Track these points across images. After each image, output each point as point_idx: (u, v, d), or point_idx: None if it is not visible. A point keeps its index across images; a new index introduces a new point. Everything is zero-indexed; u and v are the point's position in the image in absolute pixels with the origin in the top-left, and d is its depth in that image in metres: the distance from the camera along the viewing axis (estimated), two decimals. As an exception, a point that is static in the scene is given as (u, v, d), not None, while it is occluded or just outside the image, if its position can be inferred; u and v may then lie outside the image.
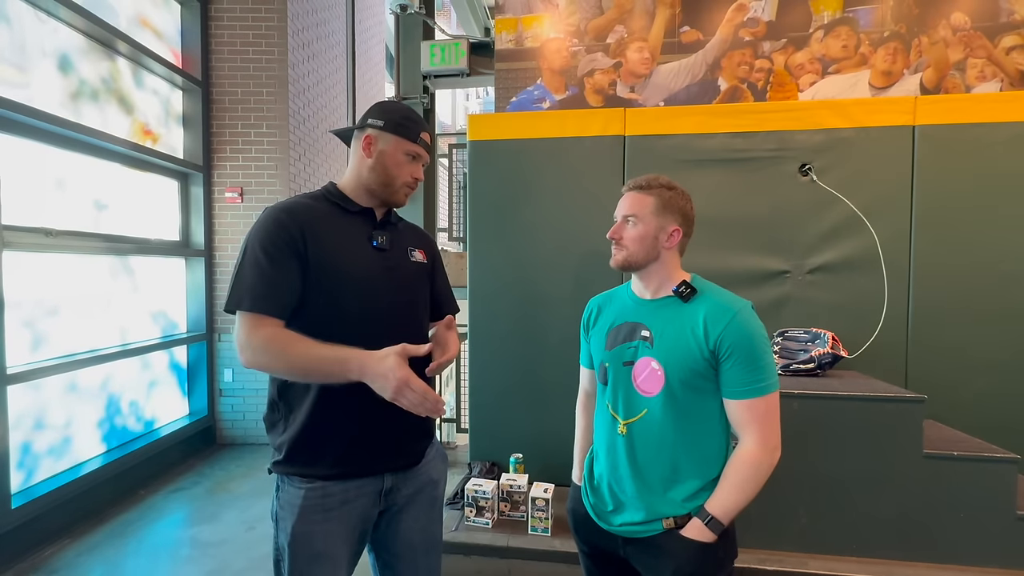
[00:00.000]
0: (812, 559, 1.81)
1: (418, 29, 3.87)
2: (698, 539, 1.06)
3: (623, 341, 1.18)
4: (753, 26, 2.87)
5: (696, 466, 1.12)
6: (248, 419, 4.13)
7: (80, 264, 3.05)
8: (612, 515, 1.19)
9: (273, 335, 1.02)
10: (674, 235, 1.15)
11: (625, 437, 1.16)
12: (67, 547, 2.60)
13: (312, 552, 1.08)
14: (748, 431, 1.07)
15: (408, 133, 1.16)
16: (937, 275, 2.26)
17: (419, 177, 1.20)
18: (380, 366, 0.95)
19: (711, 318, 1.08)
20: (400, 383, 0.93)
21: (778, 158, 2.37)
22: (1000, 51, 2.65)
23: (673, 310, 1.14)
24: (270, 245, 1.05)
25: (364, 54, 5.96)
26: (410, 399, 0.94)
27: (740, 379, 1.06)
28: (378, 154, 1.15)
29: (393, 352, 0.96)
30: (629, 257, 1.16)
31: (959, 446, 1.80)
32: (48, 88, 2.84)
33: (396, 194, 1.18)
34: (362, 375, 0.97)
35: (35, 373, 2.63)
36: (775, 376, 1.09)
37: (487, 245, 2.60)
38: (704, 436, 1.12)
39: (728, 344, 1.06)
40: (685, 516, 1.10)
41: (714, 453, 1.13)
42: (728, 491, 1.07)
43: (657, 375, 1.12)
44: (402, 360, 0.95)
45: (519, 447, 2.44)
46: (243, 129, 4.11)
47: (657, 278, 1.18)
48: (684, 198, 1.18)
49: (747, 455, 1.07)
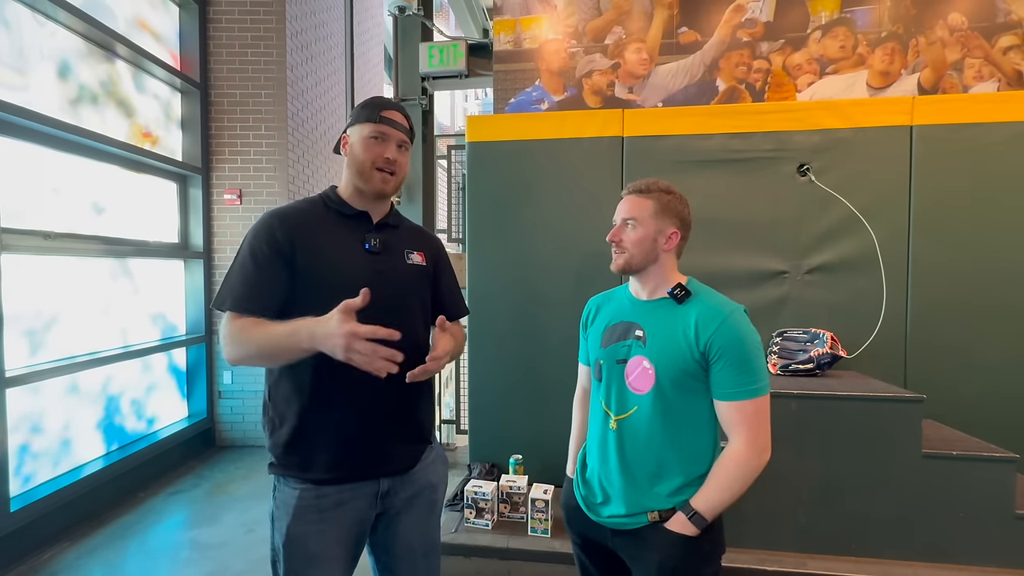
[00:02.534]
0: (811, 559, 1.81)
1: (416, 31, 3.87)
2: (681, 532, 1.09)
3: (617, 340, 1.22)
4: (751, 27, 2.87)
5: (682, 463, 1.14)
6: (247, 421, 4.12)
7: (79, 267, 3.05)
8: (601, 507, 1.22)
9: (241, 325, 1.05)
10: (672, 238, 1.18)
11: (616, 432, 1.20)
12: (66, 550, 2.60)
13: (307, 553, 1.09)
14: (737, 432, 1.09)
15: (366, 116, 1.16)
16: (935, 275, 2.27)
17: (390, 157, 1.15)
18: (325, 326, 0.94)
19: (702, 320, 1.11)
20: (347, 336, 0.91)
21: (776, 159, 2.37)
22: (997, 51, 2.66)
23: (667, 311, 1.17)
24: (258, 249, 1.09)
25: (363, 56, 5.96)
26: (362, 350, 0.91)
27: (729, 381, 1.09)
28: (350, 148, 1.18)
29: (335, 310, 0.95)
30: (629, 260, 1.19)
31: (958, 446, 1.81)
32: (46, 91, 2.84)
33: (370, 180, 1.15)
34: (312, 341, 0.96)
35: (34, 376, 2.63)
36: (765, 379, 1.11)
37: (486, 246, 2.60)
38: (692, 434, 1.15)
39: (718, 346, 1.08)
40: (669, 510, 1.12)
41: (701, 451, 1.15)
42: (713, 488, 1.09)
43: (648, 374, 1.15)
44: (346, 315, 0.94)
45: (519, 448, 2.44)
46: (242, 131, 4.11)
47: (654, 280, 1.20)
48: (682, 202, 1.20)
49: (734, 454, 1.09)
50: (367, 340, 0.92)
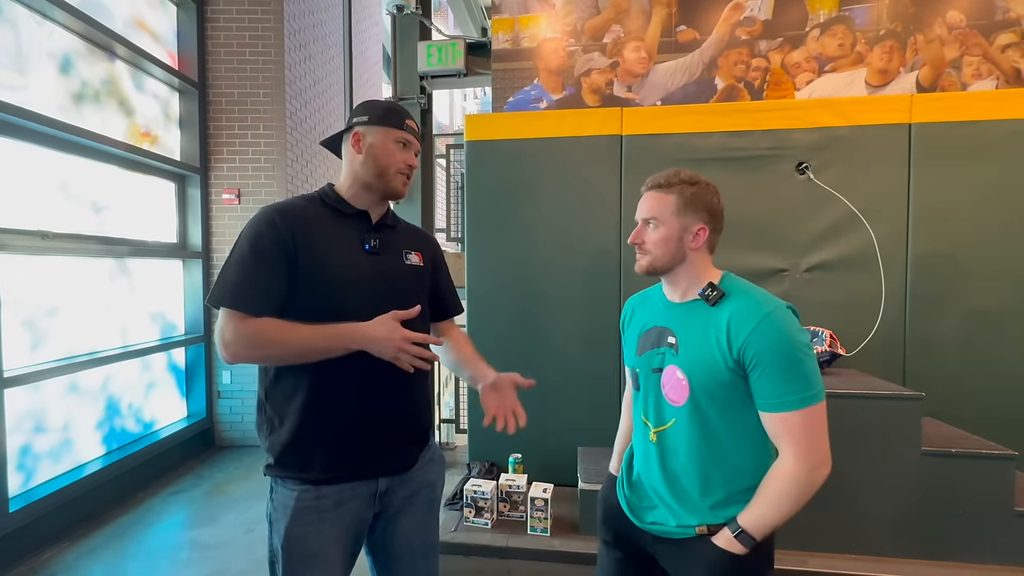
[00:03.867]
0: (811, 557, 1.81)
1: (415, 30, 3.87)
2: (727, 549, 1.01)
3: (651, 347, 1.14)
4: (749, 25, 2.87)
5: (726, 478, 1.05)
6: (246, 421, 4.11)
7: (77, 266, 3.04)
8: (646, 511, 1.15)
9: (262, 327, 1.03)
10: (700, 234, 1.08)
11: (656, 445, 1.12)
12: (66, 550, 2.60)
13: (306, 553, 1.08)
14: (785, 445, 0.99)
15: (393, 121, 1.17)
16: (934, 272, 2.27)
17: (412, 164, 1.19)
18: (381, 328, 1.05)
19: (735, 324, 0.99)
20: (401, 341, 1.04)
21: (775, 157, 2.37)
22: (996, 49, 2.65)
23: (699, 315, 1.07)
24: (258, 244, 1.06)
25: (361, 55, 5.96)
26: (410, 352, 1.05)
27: (771, 390, 0.97)
28: (368, 147, 1.16)
29: (388, 316, 1.07)
30: (654, 262, 1.10)
31: (957, 443, 1.81)
32: (44, 91, 2.83)
33: (392, 183, 1.17)
34: (364, 341, 1.05)
35: (33, 376, 2.63)
36: (816, 386, 0.97)
37: (485, 245, 2.60)
38: (735, 449, 1.05)
39: (753, 352, 0.97)
40: (719, 524, 1.04)
41: (747, 466, 1.05)
42: (761, 506, 1.00)
43: (682, 385, 1.06)
44: (398, 322, 1.06)
45: (518, 447, 2.44)
46: (240, 131, 4.10)
47: (685, 280, 1.11)
48: (710, 191, 1.09)
49: (783, 470, 0.99)
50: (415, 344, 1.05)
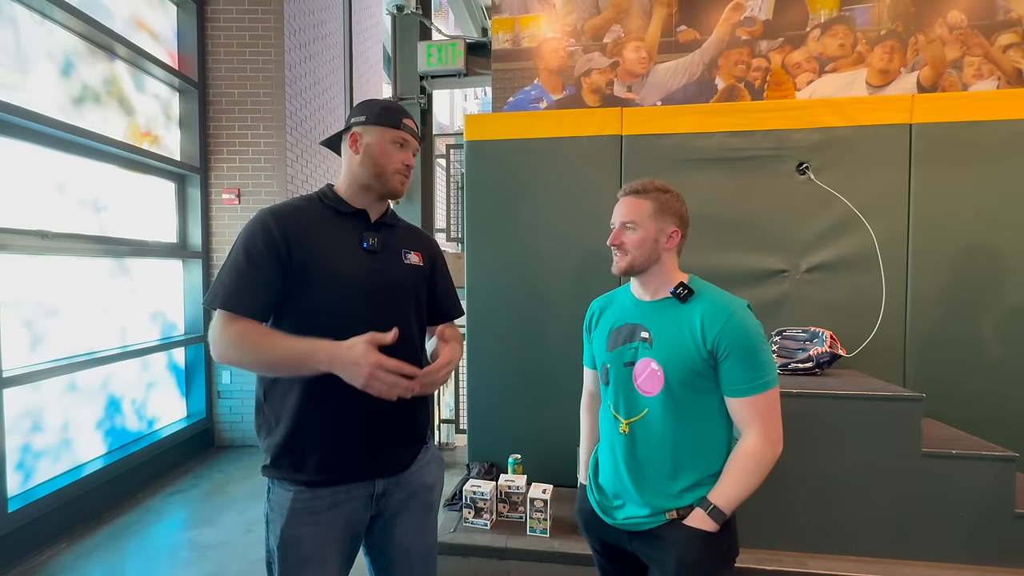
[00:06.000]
0: (811, 558, 1.80)
1: (415, 30, 3.86)
2: (701, 527, 1.09)
3: (623, 342, 1.21)
4: (750, 25, 2.87)
5: (696, 462, 1.14)
6: (246, 421, 4.11)
7: (77, 266, 3.04)
8: (617, 511, 1.21)
9: (245, 330, 1.03)
10: (673, 237, 1.18)
11: (627, 436, 1.19)
12: (65, 550, 2.60)
13: (301, 554, 1.08)
14: (751, 427, 1.10)
15: (390, 121, 1.17)
16: (935, 273, 2.26)
17: (410, 163, 1.20)
18: (349, 354, 0.96)
19: (708, 319, 1.10)
20: (373, 367, 0.94)
21: (775, 157, 2.37)
22: (997, 49, 2.65)
23: (671, 311, 1.17)
24: (251, 246, 1.07)
25: (361, 55, 5.95)
26: (384, 381, 0.94)
27: (739, 377, 1.09)
28: (365, 147, 1.16)
29: (361, 340, 0.96)
30: (633, 262, 1.18)
31: (957, 444, 1.80)
32: (44, 91, 2.83)
33: (389, 182, 1.18)
34: (331, 365, 0.97)
35: (32, 376, 2.63)
36: (774, 372, 1.11)
37: (485, 245, 2.60)
38: (704, 433, 1.15)
39: (726, 344, 1.08)
40: (687, 507, 1.12)
41: (715, 449, 1.15)
42: (731, 482, 1.10)
43: (657, 375, 1.14)
44: (371, 347, 0.96)
45: (517, 448, 2.44)
46: (240, 130, 4.10)
47: (656, 280, 1.20)
48: (679, 200, 1.20)
49: (750, 448, 1.09)
50: (389, 372, 0.94)
